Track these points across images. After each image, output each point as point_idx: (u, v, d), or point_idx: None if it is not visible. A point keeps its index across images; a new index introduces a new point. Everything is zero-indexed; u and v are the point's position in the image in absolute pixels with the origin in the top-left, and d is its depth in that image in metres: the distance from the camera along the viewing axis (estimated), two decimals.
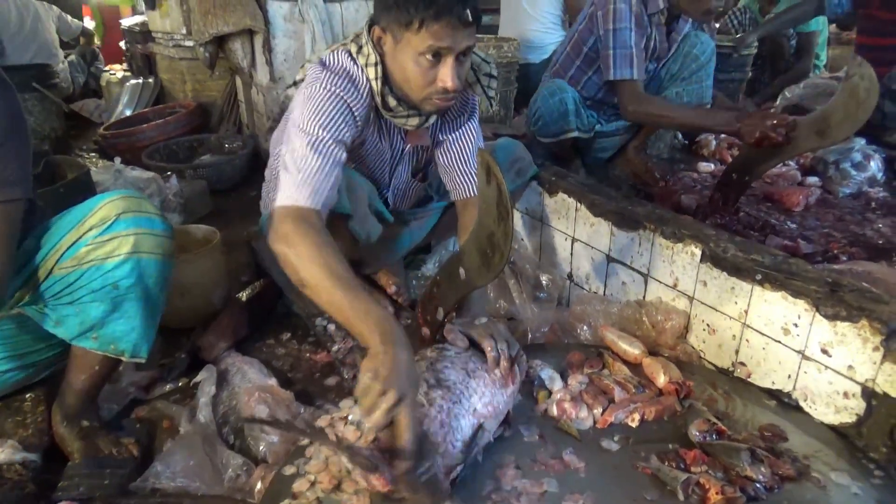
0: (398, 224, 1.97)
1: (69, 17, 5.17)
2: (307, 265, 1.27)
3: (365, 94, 1.54)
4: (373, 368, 1.12)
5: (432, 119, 1.62)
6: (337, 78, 1.50)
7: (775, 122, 2.03)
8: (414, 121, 1.60)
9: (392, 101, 1.55)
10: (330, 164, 1.41)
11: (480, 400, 1.29)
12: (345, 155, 1.47)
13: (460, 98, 1.71)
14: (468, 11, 1.37)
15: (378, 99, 1.55)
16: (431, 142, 1.77)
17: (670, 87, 2.51)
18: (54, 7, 4.93)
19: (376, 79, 1.52)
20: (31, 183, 1.27)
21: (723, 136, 3.10)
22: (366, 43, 1.52)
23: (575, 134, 2.45)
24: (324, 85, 1.48)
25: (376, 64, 1.51)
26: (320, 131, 1.43)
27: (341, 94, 1.48)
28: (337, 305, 1.24)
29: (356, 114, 1.51)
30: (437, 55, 1.41)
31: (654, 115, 2.35)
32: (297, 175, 1.38)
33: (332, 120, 1.45)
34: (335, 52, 1.57)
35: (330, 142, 1.43)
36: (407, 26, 1.38)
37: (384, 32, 1.46)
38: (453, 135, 1.73)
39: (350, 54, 1.55)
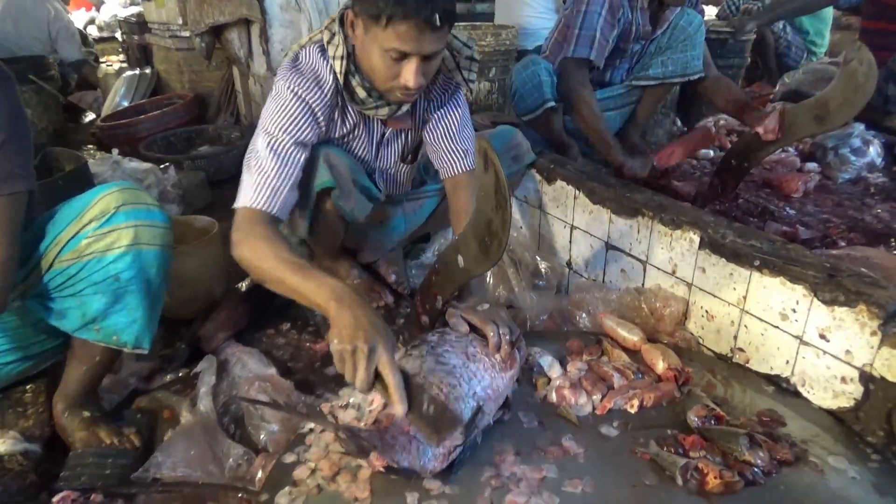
0: (390, 205, 1.97)
1: (77, 37, 4.84)
2: (261, 262, 1.33)
3: (329, 94, 1.56)
4: (336, 334, 1.15)
5: (405, 108, 1.63)
6: (301, 79, 1.54)
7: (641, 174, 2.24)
8: (384, 111, 1.62)
9: (361, 93, 1.57)
10: (288, 167, 1.48)
11: (480, 383, 1.30)
12: (305, 156, 1.52)
13: (443, 79, 1.71)
14: (437, 15, 1.34)
15: (345, 93, 1.57)
16: (415, 123, 1.77)
17: (657, 58, 2.50)
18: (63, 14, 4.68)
19: (341, 72, 1.53)
20: (34, 175, 1.28)
21: (722, 122, 3.09)
22: (338, 32, 1.52)
23: (552, 104, 2.44)
24: (288, 86, 1.53)
25: (342, 57, 1.52)
26: (280, 133, 1.50)
27: (303, 95, 1.53)
28: (294, 289, 1.28)
29: (318, 114, 1.55)
30: (403, 54, 1.41)
31: (576, 101, 2.35)
32: (255, 177, 1.45)
33: (292, 122, 1.51)
34: (308, 46, 1.58)
35: (289, 144, 1.50)
36: (375, 20, 1.37)
37: (356, 18, 1.45)
38: (438, 112, 1.74)
39: (322, 48, 1.56)
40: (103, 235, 1.28)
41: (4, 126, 1.20)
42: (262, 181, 1.44)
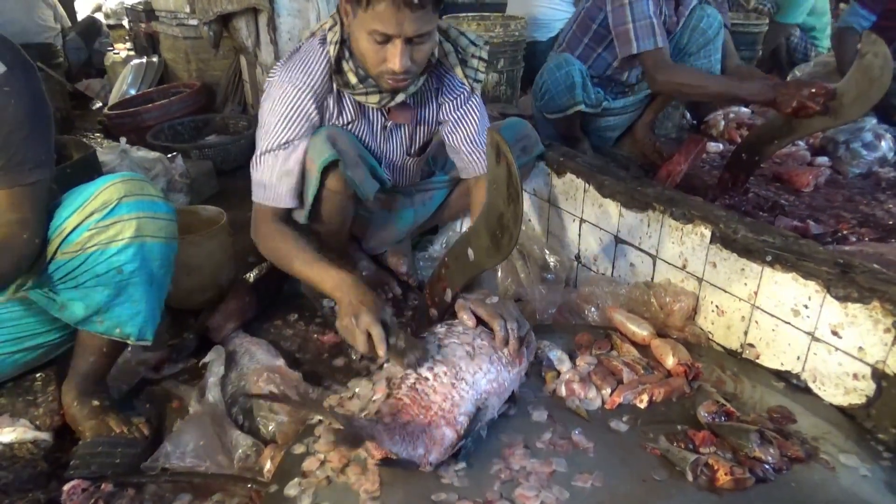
0: (400, 194, 1.97)
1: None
2: (280, 257, 1.61)
3: (319, 77, 1.60)
4: (341, 315, 1.38)
5: (399, 98, 1.62)
6: (287, 72, 1.59)
7: (813, 90, 1.97)
8: (374, 98, 1.61)
9: (353, 79, 1.57)
10: (291, 162, 1.61)
11: (485, 377, 1.29)
12: (302, 147, 1.61)
13: (451, 79, 1.70)
14: None
15: (338, 78, 1.59)
16: (427, 123, 1.78)
17: (677, 62, 2.47)
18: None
19: (335, 57, 1.55)
20: (53, 162, 1.29)
21: (732, 115, 3.07)
22: (338, 20, 1.54)
23: (582, 107, 2.41)
24: (281, 84, 1.59)
25: (337, 42, 1.54)
26: (280, 131, 1.59)
27: (290, 89, 1.58)
28: (309, 279, 1.55)
29: (308, 104, 1.60)
30: (386, 37, 1.41)
31: (684, 84, 2.23)
32: (260, 177, 1.63)
33: (288, 119, 1.59)
34: (311, 38, 1.62)
35: (283, 144, 1.59)
36: (358, 2, 1.38)
37: (347, 4, 1.46)
38: (456, 114, 1.73)
39: (324, 36, 1.58)
40: (106, 227, 1.27)
41: (30, 114, 1.20)
42: (262, 180, 1.63)
